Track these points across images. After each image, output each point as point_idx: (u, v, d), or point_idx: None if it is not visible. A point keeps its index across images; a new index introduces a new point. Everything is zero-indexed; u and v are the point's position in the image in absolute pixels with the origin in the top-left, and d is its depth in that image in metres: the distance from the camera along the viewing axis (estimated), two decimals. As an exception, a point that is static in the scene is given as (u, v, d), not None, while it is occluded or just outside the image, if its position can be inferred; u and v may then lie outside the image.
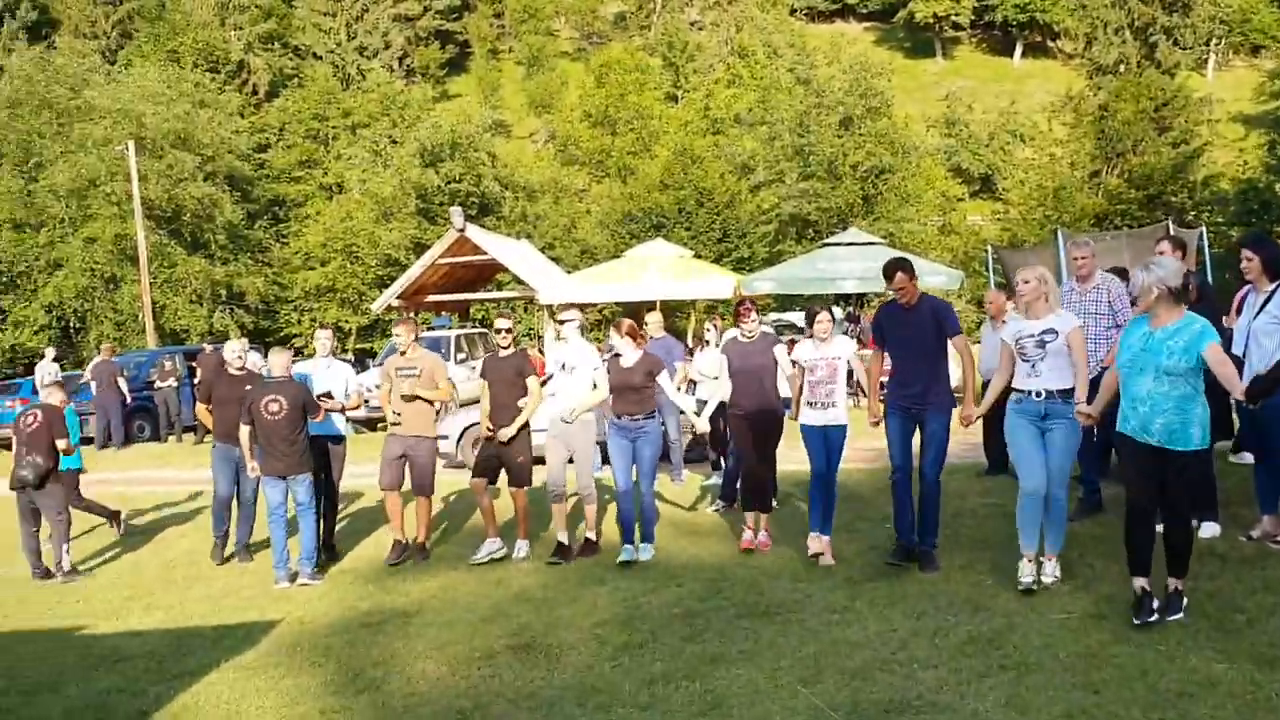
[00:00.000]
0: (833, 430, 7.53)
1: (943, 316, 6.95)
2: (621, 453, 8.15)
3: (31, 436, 9.45)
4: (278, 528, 8.62)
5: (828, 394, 7.49)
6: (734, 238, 33.29)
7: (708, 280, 19.23)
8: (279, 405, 8.53)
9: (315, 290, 38.25)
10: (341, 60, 56.32)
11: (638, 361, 8.09)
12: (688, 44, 61.18)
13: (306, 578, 8.54)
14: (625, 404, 8.08)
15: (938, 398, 6.95)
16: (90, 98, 35.12)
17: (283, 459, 8.55)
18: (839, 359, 7.53)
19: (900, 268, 6.99)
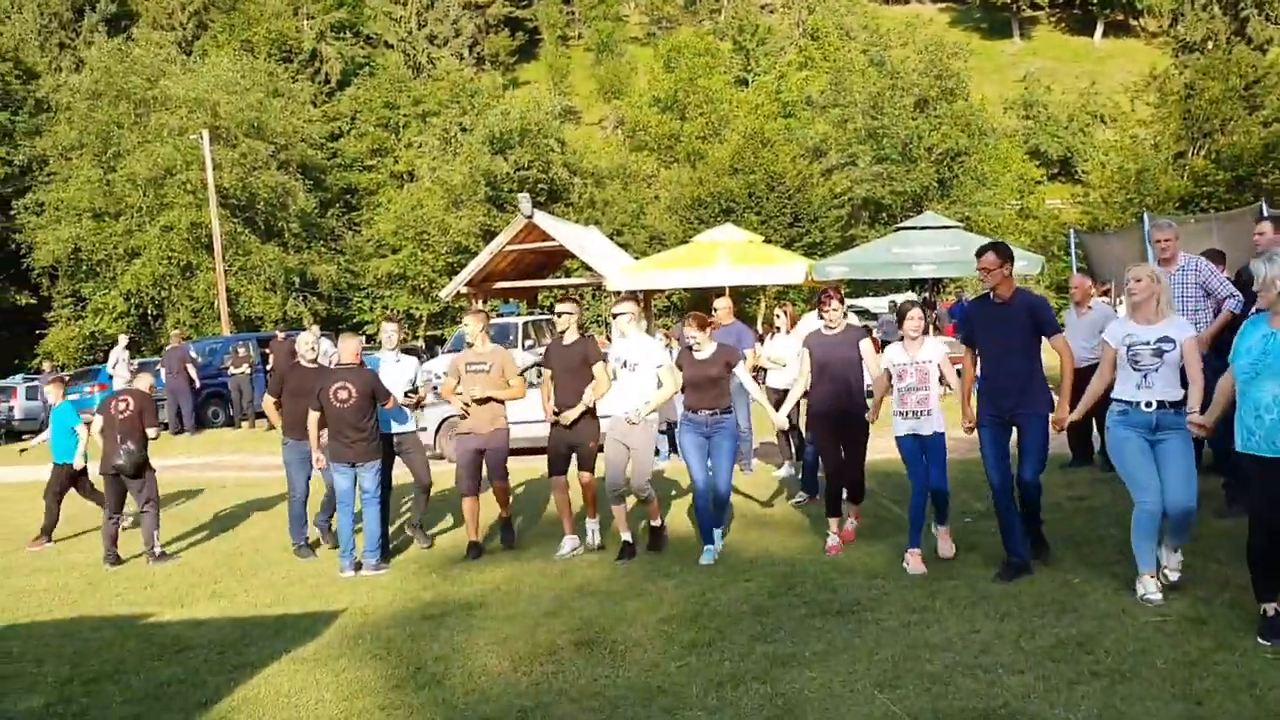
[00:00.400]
0: (930, 440, 7.05)
1: (1039, 314, 6.44)
2: (697, 449, 7.74)
3: (125, 423, 9.46)
4: (344, 516, 8.53)
5: (920, 401, 7.01)
6: (805, 222, 32.78)
7: (778, 266, 18.87)
8: (348, 392, 8.41)
9: (386, 277, 38.57)
10: (412, 49, 56.66)
11: (714, 354, 7.71)
12: (758, 27, 60.45)
13: (371, 568, 8.43)
14: (701, 398, 7.69)
15: (1033, 401, 6.47)
16: (166, 88, 35.70)
17: (351, 447, 8.43)
18: (930, 363, 7.04)
19: (993, 248, 6.56)
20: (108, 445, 9.51)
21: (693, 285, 19.98)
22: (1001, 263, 6.42)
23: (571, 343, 8.29)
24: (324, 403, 8.44)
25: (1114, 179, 37.83)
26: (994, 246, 6.60)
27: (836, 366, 7.45)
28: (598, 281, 23.66)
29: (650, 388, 7.88)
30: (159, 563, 9.39)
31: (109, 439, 9.50)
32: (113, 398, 9.66)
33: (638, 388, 7.89)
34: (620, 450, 7.97)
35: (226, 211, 34.63)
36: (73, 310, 36.27)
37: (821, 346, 7.58)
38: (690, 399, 7.76)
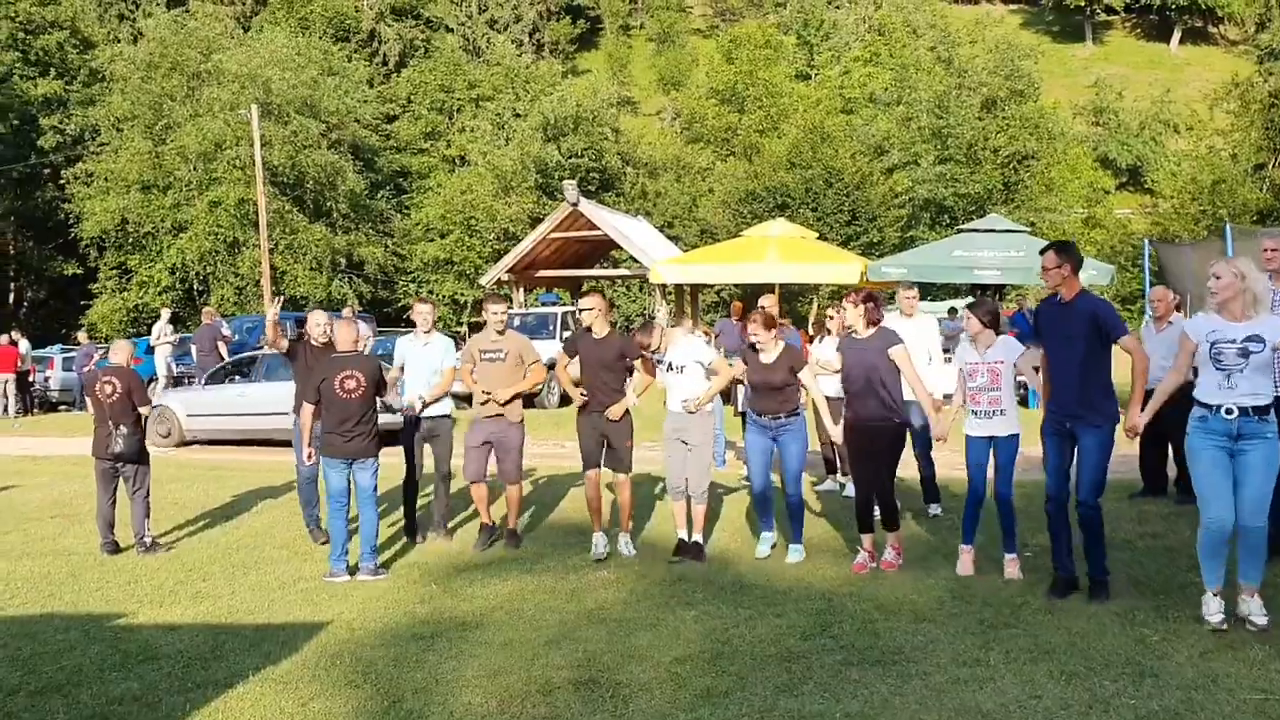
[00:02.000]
0: (1001, 441, 6.72)
1: (1102, 317, 6.04)
2: (761, 451, 7.49)
3: (114, 406, 8.80)
4: (338, 517, 7.85)
5: (991, 401, 6.69)
6: (863, 221, 31.77)
7: (832, 264, 17.95)
8: (356, 382, 7.78)
9: (433, 262, 38.11)
10: (471, 33, 56.21)
11: (779, 357, 7.33)
12: (823, 22, 59.36)
13: (369, 573, 7.75)
14: (766, 403, 7.38)
15: (1093, 410, 6.07)
16: (219, 61, 35.44)
17: (352, 442, 7.77)
18: (1001, 363, 6.69)
19: (1054, 247, 6.22)
20: (100, 431, 8.87)
21: (741, 281, 19.16)
22: (1061, 262, 6.10)
23: (604, 337, 7.90)
24: (325, 393, 7.76)
25: (1187, 189, 36.37)
26: (1055, 245, 6.28)
27: (860, 372, 7.04)
28: (643, 274, 22.93)
29: (699, 387, 7.62)
30: (149, 553, 8.77)
31: (99, 424, 8.87)
32: (96, 380, 8.91)
33: (684, 386, 7.67)
34: (679, 448, 7.73)
35: (275, 189, 34.36)
36: (118, 282, 36.23)
37: (851, 351, 7.17)
38: (755, 403, 7.48)
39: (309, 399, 7.90)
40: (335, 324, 8.39)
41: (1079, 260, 6.22)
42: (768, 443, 7.46)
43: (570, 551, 8.23)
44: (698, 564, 7.59)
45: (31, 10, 38.77)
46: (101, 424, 8.84)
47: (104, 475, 8.94)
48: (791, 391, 7.41)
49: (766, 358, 7.34)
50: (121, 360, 9.11)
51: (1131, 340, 6.09)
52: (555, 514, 9.82)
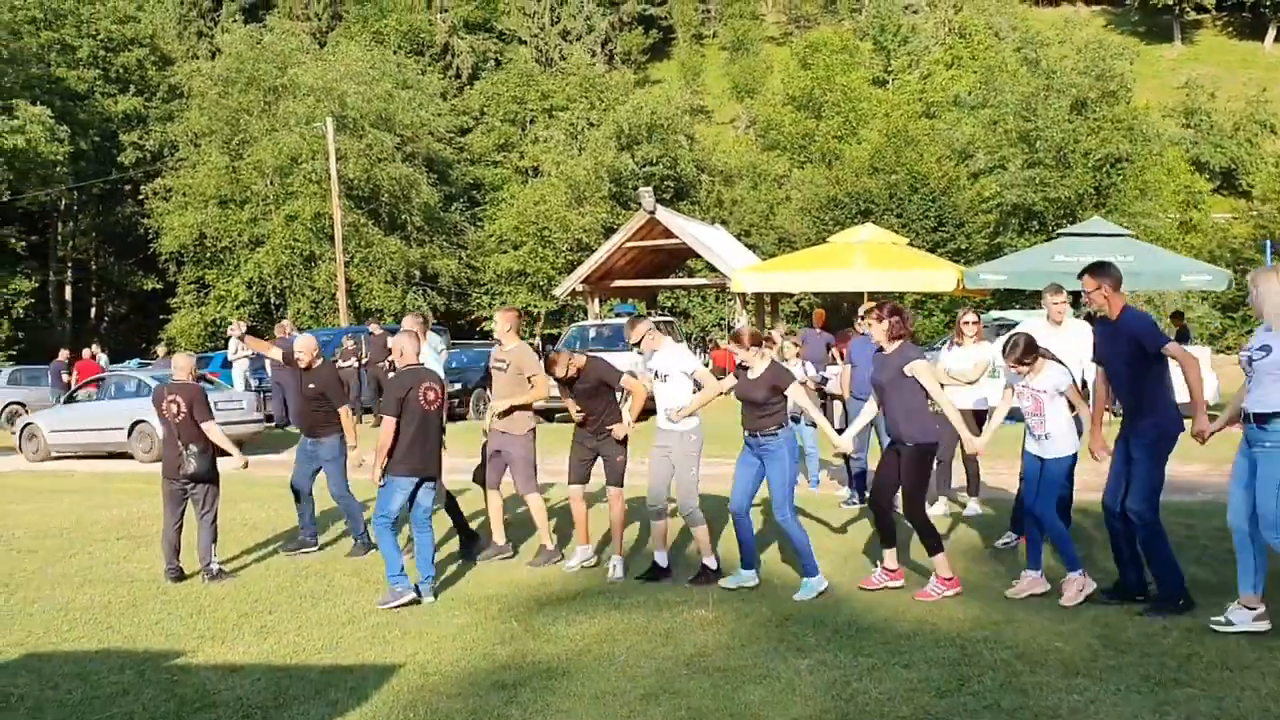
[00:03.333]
0: (1047, 464, 6.69)
1: (1139, 332, 6.15)
2: (745, 467, 7.24)
3: (182, 425, 8.29)
4: (389, 535, 7.34)
5: (1038, 425, 6.70)
6: (950, 227, 30.66)
7: (924, 271, 17.08)
8: (435, 393, 7.37)
9: (506, 274, 37.78)
10: (544, 44, 56.06)
11: (764, 373, 7.13)
12: (900, 26, 58.21)
13: (428, 594, 7.36)
14: (747, 419, 7.21)
15: (1141, 424, 6.20)
16: (295, 75, 35.54)
17: (430, 457, 7.42)
18: (1044, 392, 6.64)
19: (1090, 270, 6.28)
20: (169, 451, 8.35)
21: (826, 289, 18.36)
22: (1100, 283, 6.20)
23: (583, 368, 7.94)
24: (407, 407, 7.28)
25: (1291, 191, 34.69)
26: (1091, 268, 6.31)
27: (884, 388, 6.93)
28: (721, 283, 22.23)
29: (684, 397, 7.48)
30: (214, 581, 8.25)
31: (169, 444, 8.36)
32: (162, 398, 8.38)
33: (672, 396, 7.50)
34: (664, 463, 7.56)
35: (350, 202, 34.32)
36: (196, 296, 36.47)
37: (875, 367, 7.11)
38: (742, 418, 7.29)
39: (390, 412, 7.34)
40: (396, 336, 7.83)
41: (1118, 278, 6.26)
42: (753, 460, 7.23)
43: (663, 584, 7.55)
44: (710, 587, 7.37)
45: (112, 28, 39.34)
46: (170, 443, 8.32)
47: (172, 497, 8.43)
48: (773, 410, 7.14)
49: (751, 373, 7.17)
50: (184, 376, 8.59)
51: (1174, 347, 6.14)
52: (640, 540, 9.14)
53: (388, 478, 7.39)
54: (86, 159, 36.94)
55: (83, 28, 38.43)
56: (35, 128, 32.04)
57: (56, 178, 34.59)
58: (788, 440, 7.21)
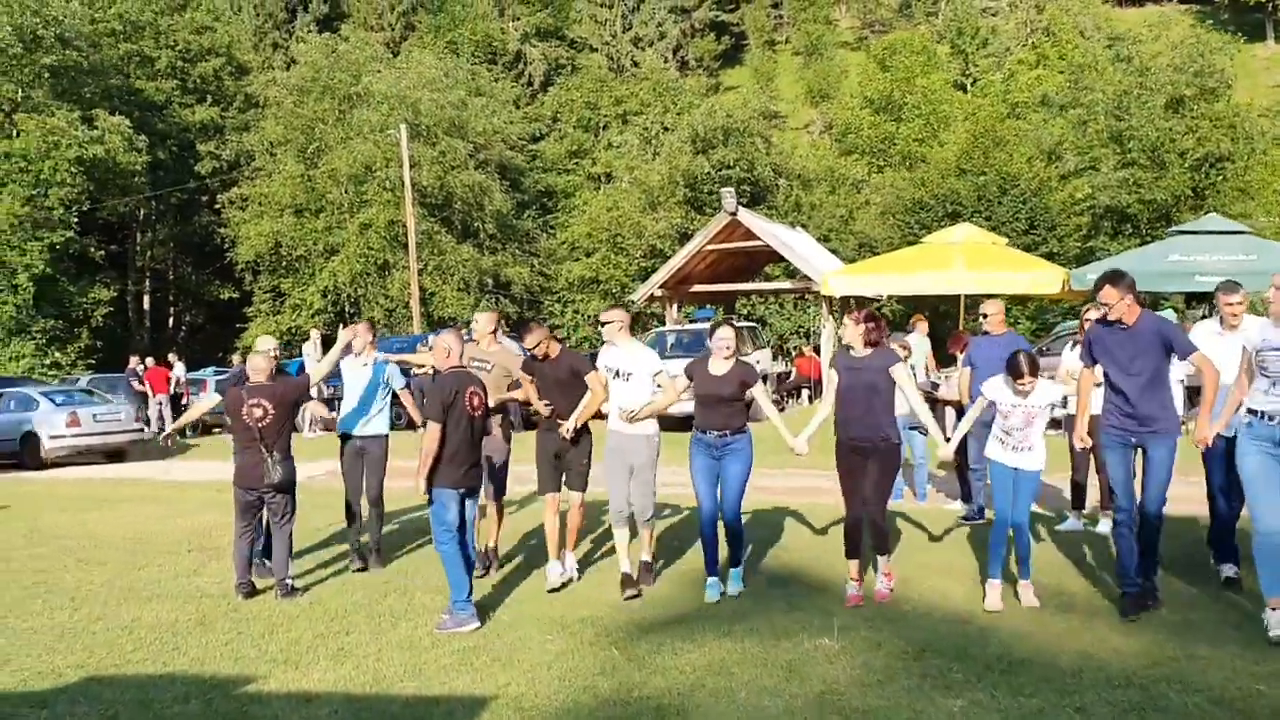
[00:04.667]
0: (1024, 474, 6.68)
1: (1170, 337, 6.19)
2: (706, 472, 7.10)
3: (266, 431, 7.70)
4: (456, 553, 6.76)
5: (1023, 439, 6.66)
6: (1041, 229, 29.43)
7: (1027, 273, 16.06)
8: (480, 399, 6.86)
9: (579, 281, 37.27)
10: (616, 51, 55.68)
11: (730, 370, 7.03)
12: (979, 29, 56.85)
13: None
14: (712, 417, 7.07)
15: (1161, 426, 6.26)
16: (369, 84, 35.48)
17: (475, 466, 6.96)
18: (1039, 408, 6.61)
19: (1109, 280, 6.25)
20: (248, 458, 7.74)
21: (923, 292, 17.44)
22: (1121, 295, 6.21)
23: (557, 358, 7.71)
24: (451, 412, 6.72)
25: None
26: (1109, 277, 6.29)
27: (859, 393, 6.74)
28: (806, 287, 21.41)
29: (645, 398, 7.28)
30: (288, 598, 7.68)
31: (248, 453, 7.74)
32: (242, 403, 7.70)
33: (632, 397, 7.28)
34: (622, 468, 7.37)
35: (423, 210, 34.10)
36: (272, 305, 36.51)
37: (848, 371, 6.84)
38: (699, 417, 7.15)
39: (435, 417, 6.73)
40: (441, 335, 7.20)
41: (1132, 283, 6.28)
42: (712, 463, 7.08)
43: (774, 607, 6.82)
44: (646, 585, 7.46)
45: (189, 39, 39.66)
46: (250, 450, 7.70)
47: (247, 508, 7.87)
48: (740, 407, 7.10)
49: (716, 370, 7.04)
50: (263, 378, 7.97)
51: (1200, 356, 6.15)
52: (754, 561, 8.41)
53: (434, 490, 6.81)
54: (164, 169, 37.22)
55: (161, 39, 38.79)
56: (114, 138, 32.28)
57: (135, 187, 34.84)
58: (747, 441, 7.08)
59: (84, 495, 14.13)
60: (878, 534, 6.85)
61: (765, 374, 20.37)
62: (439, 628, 6.66)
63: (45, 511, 12.36)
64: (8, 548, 10.05)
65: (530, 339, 7.65)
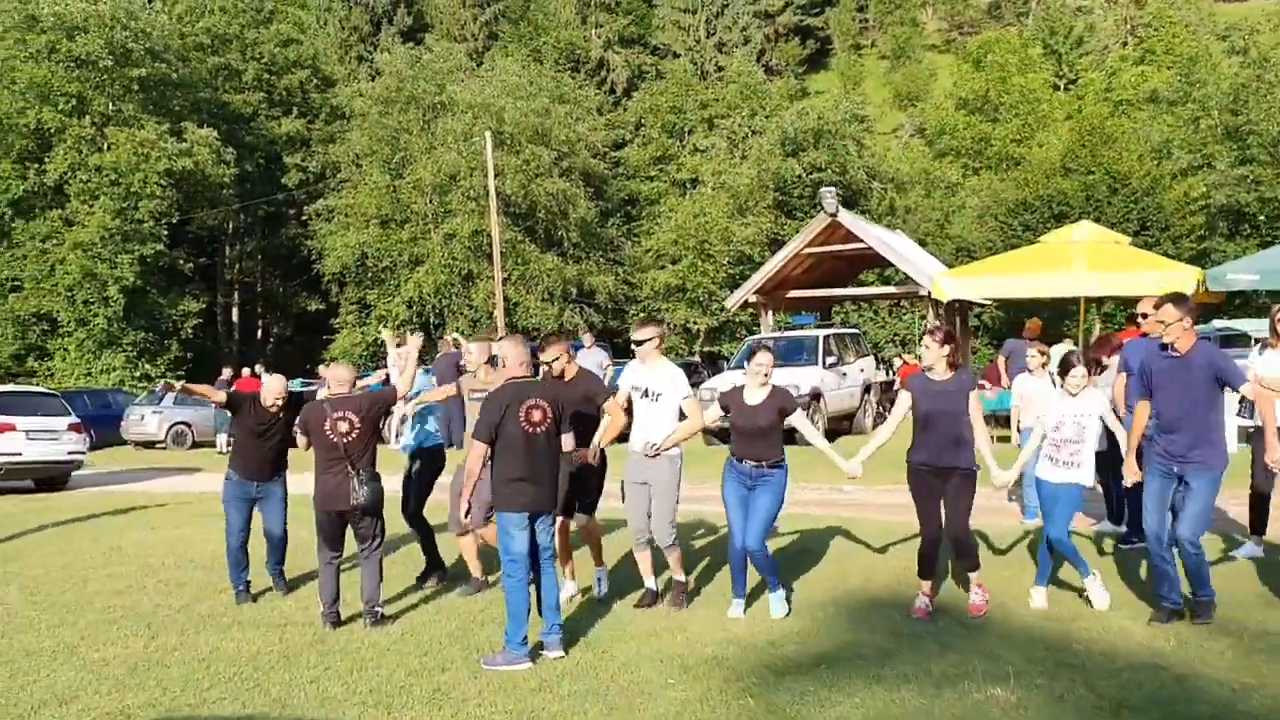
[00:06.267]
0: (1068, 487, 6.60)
1: (1222, 368, 6.11)
2: (739, 504, 6.75)
3: (351, 447, 6.98)
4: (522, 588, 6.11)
5: (1072, 454, 6.56)
6: (1154, 230, 27.94)
7: (1157, 273, 14.89)
8: (543, 413, 6.11)
9: (664, 290, 36.54)
10: (700, 57, 55.02)
11: (767, 398, 6.66)
12: (1072, 29, 55.10)
13: (555, 650, 6.14)
14: (748, 448, 6.72)
15: (1206, 456, 6.13)
16: (453, 93, 35.27)
17: (545, 486, 6.22)
18: (1089, 415, 6.54)
19: (1174, 300, 6.17)
20: (331, 478, 7.02)
21: (1043, 294, 16.40)
22: (1183, 315, 6.13)
23: (572, 379, 7.10)
24: (504, 429, 6.07)
25: None
26: (1172, 299, 6.21)
27: (942, 418, 6.43)
28: (911, 291, 20.40)
29: (672, 421, 6.92)
30: (378, 627, 7.00)
31: (332, 472, 7.03)
32: (325, 416, 7.02)
33: (659, 420, 6.92)
34: (640, 492, 7.04)
35: (507, 219, 33.72)
36: (358, 317, 36.44)
37: (926, 394, 6.52)
38: (736, 445, 6.84)
39: (482, 438, 6.05)
40: (507, 341, 6.55)
41: (1194, 310, 6.25)
42: (745, 493, 6.75)
43: (925, 647, 5.95)
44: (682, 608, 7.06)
45: (275, 51, 39.89)
46: (335, 469, 7.00)
47: (331, 532, 7.17)
48: (778, 438, 6.75)
49: (753, 398, 6.68)
50: (346, 389, 7.31)
51: (1250, 386, 6.28)
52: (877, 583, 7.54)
53: (496, 515, 6.15)
54: (252, 181, 37.43)
55: (248, 51, 39.07)
56: (203, 150, 32.42)
57: (223, 200, 35.02)
58: (783, 475, 6.78)
59: (170, 510, 13.72)
60: (965, 553, 6.60)
61: (869, 383, 19.40)
62: (486, 663, 6.02)
63: (132, 528, 11.93)
64: (87, 567, 9.58)
65: (549, 352, 7.10)
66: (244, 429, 7.85)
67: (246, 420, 7.82)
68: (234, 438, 8.16)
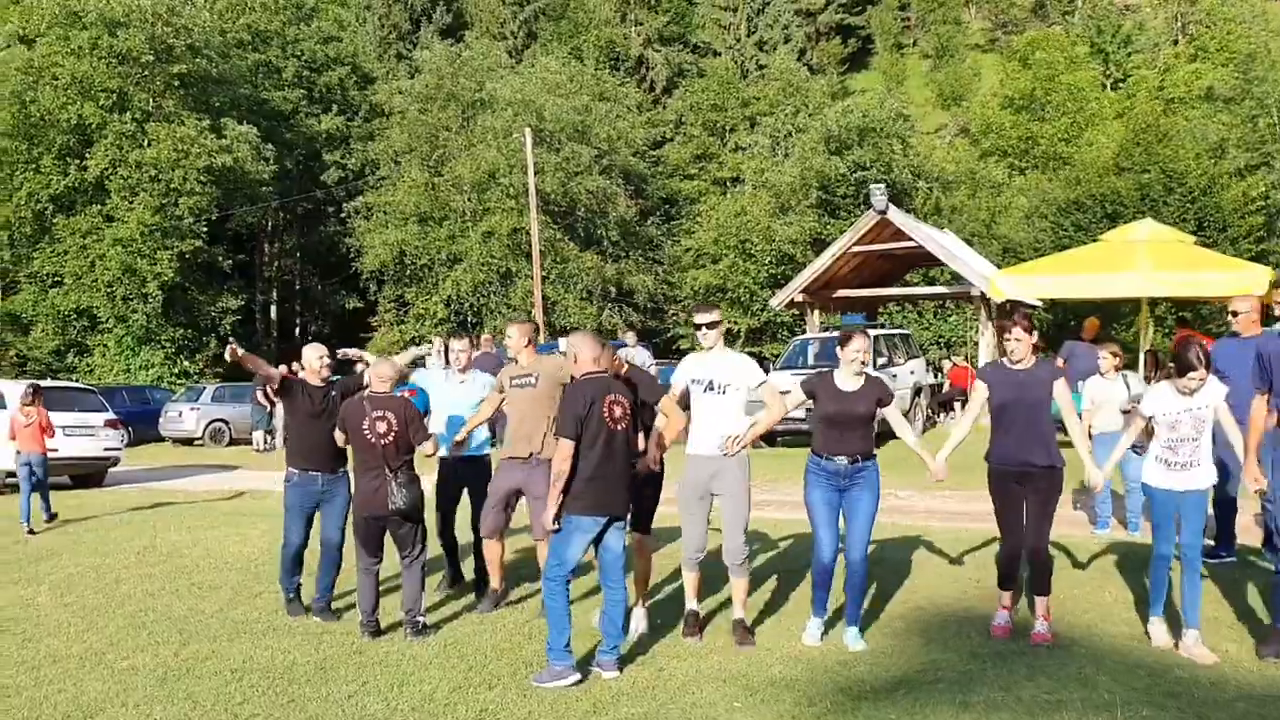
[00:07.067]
0: (1193, 496, 5.83)
1: None
2: (828, 506, 6.07)
3: (389, 450, 6.60)
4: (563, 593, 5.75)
5: (1192, 452, 5.82)
6: (1211, 230, 27.13)
7: (1227, 273, 14.26)
8: (623, 409, 5.75)
9: (705, 289, 36.06)
10: (740, 56, 54.52)
11: (864, 386, 6.06)
12: (1120, 27, 54.09)
13: (611, 667, 5.71)
14: (843, 442, 6.02)
15: None
16: (493, 89, 35.01)
17: (618, 489, 5.82)
18: (1207, 408, 5.81)
19: None
20: (369, 480, 6.66)
21: (1101, 294, 15.79)
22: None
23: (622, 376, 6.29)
24: (590, 425, 5.68)
25: None
26: None
27: (1023, 410, 5.89)
28: (964, 291, 19.84)
29: (742, 417, 6.15)
30: (419, 637, 6.62)
31: (369, 474, 6.66)
32: (363, 415, 6.65)
33: (727, 416, 6.14)
34: (702, 503, 6.24)
35: (547, 217, 33.40)
36: (396, 315, 36.25)
37: (1006, 385, 5.97)
38: (823, 441, 6.08)
39: (567, 433, 5.65)
40: (574, 336, 6.15)
41: None
42: (835, 495, 6.06)
43: (1012, 670, 5.49)
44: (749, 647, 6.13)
45: (315, 48, 39.81)
46: (374, 472, 6.64)
47: (370, 537, 6.79)
48: (871, 430, 6.11)
49: (847, 385, 6.04)
50: (388, 387, 6.89)
51: None
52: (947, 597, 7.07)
53: (566, 517, 5.70)
54: (291, 178, 37.33)
55: (288, 48, 39.00)
56: (242, 147, 32.32)
57: (262, 197, 34.92)
58: (876, 469, 6.17)
59: (206, 509, 13.46)
60: (1041, 571, 6.06)
61: (920, 386, 18.87)
62: (536, 680, 5.61)
63: (166, 527, 11.66)
64: (119, 567, 9.29)
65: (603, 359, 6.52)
66: (298, 414, 7.24)
67: (300, 404, 7.22)
68: (288, 429, 7.64)
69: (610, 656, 5.73)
